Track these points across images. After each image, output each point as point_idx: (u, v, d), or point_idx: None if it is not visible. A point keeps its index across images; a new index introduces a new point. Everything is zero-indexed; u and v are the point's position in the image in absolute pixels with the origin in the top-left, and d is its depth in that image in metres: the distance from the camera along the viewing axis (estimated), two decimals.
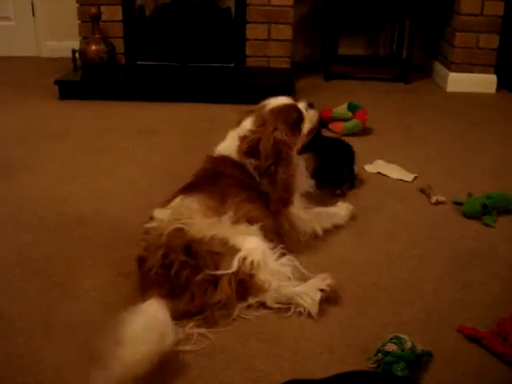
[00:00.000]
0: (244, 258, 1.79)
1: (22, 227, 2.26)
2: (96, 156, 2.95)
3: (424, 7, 4.71)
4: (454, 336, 1.69)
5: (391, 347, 1.55)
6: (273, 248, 1.90)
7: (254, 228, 1.91)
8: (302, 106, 2.26)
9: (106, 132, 3.28)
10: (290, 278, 1.84)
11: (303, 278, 1.86)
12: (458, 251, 2.16)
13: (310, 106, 2.29)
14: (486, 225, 2.35)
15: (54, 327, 1.69)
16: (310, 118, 2.27)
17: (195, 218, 1.87)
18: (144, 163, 2.88)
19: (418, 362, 1.55)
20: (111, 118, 3.54)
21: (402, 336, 1.58)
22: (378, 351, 1.56)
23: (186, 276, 1.74)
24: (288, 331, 1.70)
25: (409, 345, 1.55)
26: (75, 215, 2.34)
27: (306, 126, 2.24)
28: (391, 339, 1.58)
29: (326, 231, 2.23)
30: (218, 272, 1.77)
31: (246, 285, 1.79)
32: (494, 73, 4.34)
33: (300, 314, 1.77)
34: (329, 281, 1.82)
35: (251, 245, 1.84)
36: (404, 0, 4.34)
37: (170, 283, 1.73)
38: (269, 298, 1.79)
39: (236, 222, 1.91)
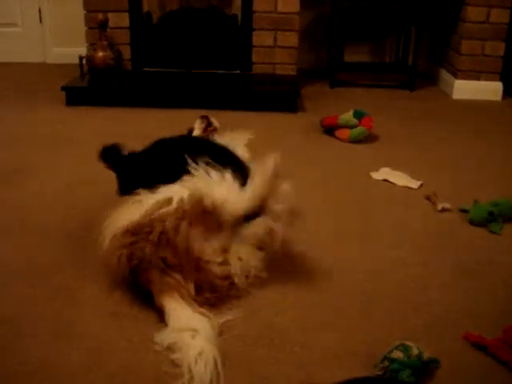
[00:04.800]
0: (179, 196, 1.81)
1: (29, 232, 2.26)
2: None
3: (430, 15, 4.73)
4: (460, 343, 1.69)
5: (397, 354, 1.54)
6: None
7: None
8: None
9: (113, 138, 3.26)
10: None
11: None
12: (464, 258, 2.16)
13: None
14: (492, 232, 2.35)
15: (60, 333, 1.70)
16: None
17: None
18: None
19: (425, 369, 1.55)
20: (118, 124, 3.55)
21: (409, 343, 1.58)
22: (384, 358, 1.56)
23: (142, 248, 1.77)
24: (294, 337, 1.70)
25: (415, 352, 1.55)
26: (82, 221, 2.35)
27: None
28: (397, 346, 1.57)
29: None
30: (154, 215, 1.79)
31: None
32: (500, 80, 4.35)
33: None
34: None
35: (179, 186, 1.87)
36: (410, 7, 4.35)
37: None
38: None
39: None
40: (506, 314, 1.82)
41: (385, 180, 2.83)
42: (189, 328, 1.63)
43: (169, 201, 1.82)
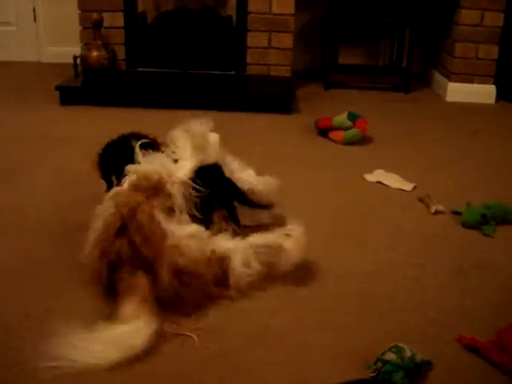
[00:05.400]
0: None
1: (25, 233, 2.26)
2: None
3: (424, 17, 4.75)
4: (453, 345, 1.69)
5: (391, 356, 1.55)
6: None
7: None
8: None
9: (107, 138, 3.27)
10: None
11: None
12: (458, 261, 2.17)
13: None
14: (485, 235, 2.36)
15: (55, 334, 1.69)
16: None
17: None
18: None
19: (418, 371, 1.56)
20: (112, 124, 3.54)
21: (402, 345, 1.58)
22: (378, 360, 1.56)
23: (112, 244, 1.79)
24: (291, 339, 1.71)
25: (408, 354, 1.56)
26: (78, 221, 2.34)
27: None
28: (391, 348, 1.58)
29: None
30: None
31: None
32: (494, 83, 4.37)
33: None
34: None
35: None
36: (404, 10, 4.37)
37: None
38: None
39: None
40: (500, 317, 1.83)
41: (378, 182, 2.84)
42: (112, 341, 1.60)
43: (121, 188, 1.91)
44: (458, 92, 4.35)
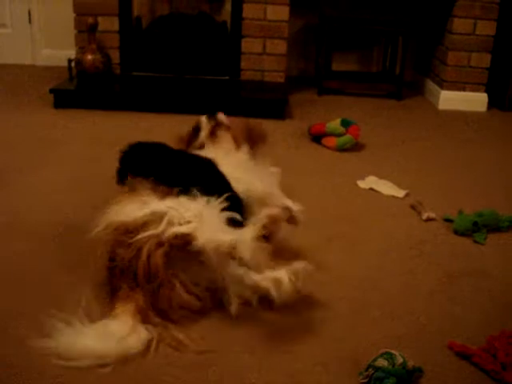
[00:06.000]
0: (171, 219, 1.74)
1: (16, 236, 2.26)
2: (90, 165, 2.96)
3: (417, 25, 4.78)
4: (444, 352, 1.71)
5: (382, 362, 1.56)
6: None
7: None
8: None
9: (100, 141, 3.29)
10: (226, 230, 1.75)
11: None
12: (449, 268, 2.19)
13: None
14: (477, 242, 2.38)
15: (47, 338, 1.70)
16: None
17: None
18: None
19: (409, 378, 1.57)
20: (105, 127, 3.55)
21: (393, 352, 1.59)
22: (369, 366, 1.57)
23: (122, 256, 1.74)
24: (280, 344, 1.71)
25: (400, 360, 1.57)
26: (69, 224, 2.34)
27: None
28: (382, 354, 1.59)
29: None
30: (138, 237, 1.73)
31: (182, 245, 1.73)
32: (486, 91, 4.40)
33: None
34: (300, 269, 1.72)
35: (169, 203, 1.80)
36: (397, 18, 4.39)
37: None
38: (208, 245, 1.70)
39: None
40: (491, 324, 1.85)
41: (371, 189, 2.86)
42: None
43: (160, 218, 1.76)
44: (450, 100, 4.38)
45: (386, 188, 2.85)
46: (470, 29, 4.26)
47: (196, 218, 1.76)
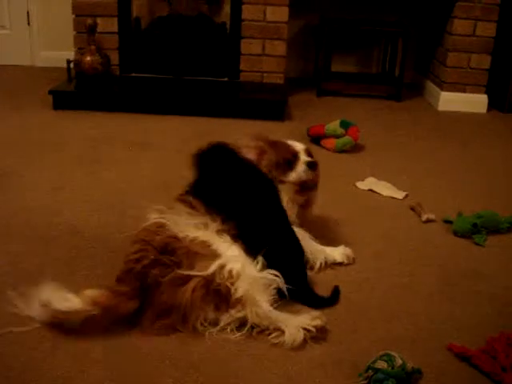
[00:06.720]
0: (223, 265, 1.72)
1: (14, 237, 2.25)
2: (89, 167, 2.95)
3: (417, 27, 4.77)
4: (443, 354, 1.70)
5: (381, 364, 1.55)
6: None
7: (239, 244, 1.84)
8: (301, 149, 2.18)
9: (99, 143, 3.28)
10: (270, 293, 1.76)
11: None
12: (448, 270, 2.18)
13: (311, 164, 2.14)
14: (476, 244, 2.38)
15: (46, 339, 1.69)
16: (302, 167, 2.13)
17: (183, 217, 1.85)
18: (137, 175, 2.89)
19: (408, 379, 1.56)
20: (104, 129, 3.54)
21: (393, 353, 1.59)
22: (368, 368, 1.57)
23: (154, 274, 1.71)
24: (278, 347, 1.70)
25: (399, 362, 1.56)
26: (68, 226, 2.34)
27: (295, 172, 2.13)
28: (381, 356, 1.58)
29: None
30: (189, 272, 1.71)
31: (221, 294, 1.72)
32: (485, 93, 4.39)
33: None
34: (318, 322, 1.73)
35: (234, 253, 1.78)
36: (397, 20, 4.39)
37: (141, 280, 1.72)
38: (251, 314, 1.72)
39: (223, 231, 1.85)
40: (490, 325, 1.84)
41: (370, 190, 2.85)
42: None
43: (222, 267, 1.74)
44: (450, 101, 4.37)
45: (386, 189, 2.85)
46: (470, 30, 4.26)
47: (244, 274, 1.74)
